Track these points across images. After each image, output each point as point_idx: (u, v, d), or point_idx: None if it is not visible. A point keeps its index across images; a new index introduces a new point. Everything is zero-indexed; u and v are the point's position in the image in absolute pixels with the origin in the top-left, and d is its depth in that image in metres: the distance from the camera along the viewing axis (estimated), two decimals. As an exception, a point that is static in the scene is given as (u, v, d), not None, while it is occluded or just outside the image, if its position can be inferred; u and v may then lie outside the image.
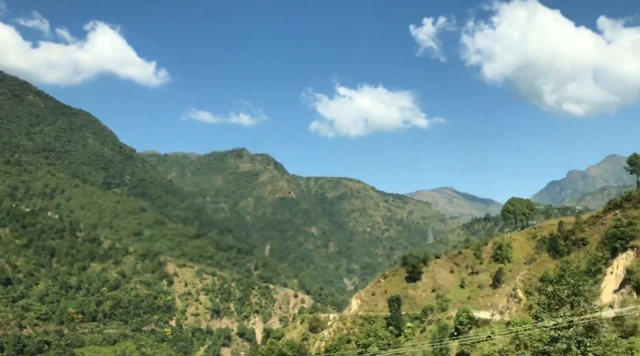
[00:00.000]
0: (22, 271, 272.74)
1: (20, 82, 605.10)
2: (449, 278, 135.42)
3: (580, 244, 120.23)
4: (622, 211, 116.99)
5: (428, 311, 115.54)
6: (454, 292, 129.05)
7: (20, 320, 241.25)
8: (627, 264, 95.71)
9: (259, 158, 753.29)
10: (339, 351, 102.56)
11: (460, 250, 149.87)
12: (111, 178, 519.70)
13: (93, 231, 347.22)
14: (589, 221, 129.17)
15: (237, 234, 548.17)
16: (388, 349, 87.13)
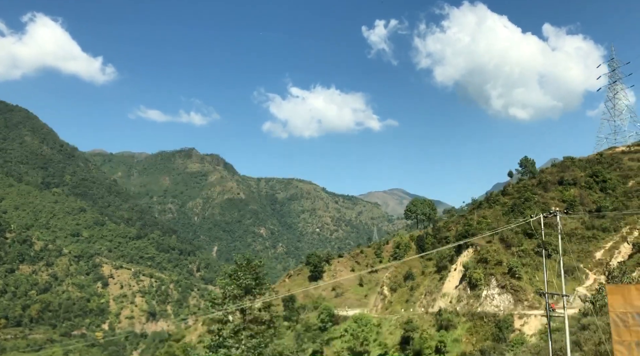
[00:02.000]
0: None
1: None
2: (349, 276, 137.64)
3: (443, 242, 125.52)
4: (479, 211, 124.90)
5: (300, 309, 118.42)
6: (353, 290, 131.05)
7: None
8: (465, 260, 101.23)
9: (208, 158, 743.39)
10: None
11: (362, 249, 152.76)
12: (50, 177, 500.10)
13: (25, 232, 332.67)
14: (456, 220, 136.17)
15: (183, 236, 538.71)
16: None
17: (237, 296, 36.35)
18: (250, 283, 36.73)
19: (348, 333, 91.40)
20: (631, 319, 18.67)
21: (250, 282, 36.78)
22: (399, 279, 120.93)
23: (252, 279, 36.88)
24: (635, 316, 18.64)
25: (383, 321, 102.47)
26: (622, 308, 18.90)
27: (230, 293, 36.58)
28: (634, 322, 18.64)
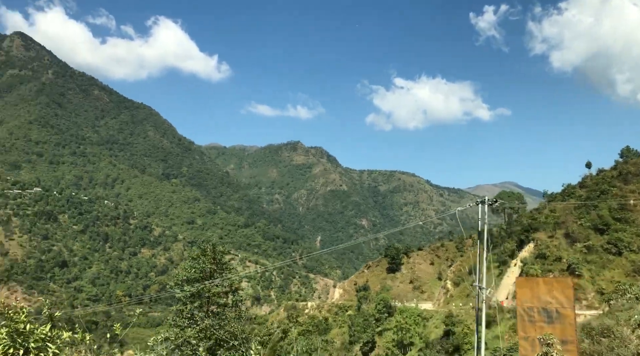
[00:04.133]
0: (77, 255, 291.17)
1: (87, 78, 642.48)
2: (428, 269, 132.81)
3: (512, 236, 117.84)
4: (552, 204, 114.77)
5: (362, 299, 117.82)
6: (431, 284, 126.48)
7: (72, 300, 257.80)
8: (524, 256, 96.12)
9: (312, 151, 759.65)
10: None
11: (443, 242, 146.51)
12: (170, 169, 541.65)
13: (146, 218, 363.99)
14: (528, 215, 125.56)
15: (288, 225, 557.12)
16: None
17: (198, 279, 37.31)
18: (211, 267, 37.71)
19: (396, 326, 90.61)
20: (537, 314, 17.34)
21: (211, 266, 37.74)
22: (463, 273, 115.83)
23: (213, 264, 37.80)
24: (541, 311, 17.29)
25: (434, 314, 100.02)
26: (529, 302, 17.55)
27: (192, 276, 37.63)
28: (540, 317, 17.25)
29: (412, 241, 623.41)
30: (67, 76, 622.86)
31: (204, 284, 35.78)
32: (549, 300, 17.18)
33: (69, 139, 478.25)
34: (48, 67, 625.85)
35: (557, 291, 17.26)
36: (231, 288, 37.99)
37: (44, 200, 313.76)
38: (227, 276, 37.60)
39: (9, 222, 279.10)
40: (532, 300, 17.38)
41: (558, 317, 17.07)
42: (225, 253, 39.48)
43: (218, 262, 37.84)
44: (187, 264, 38.85)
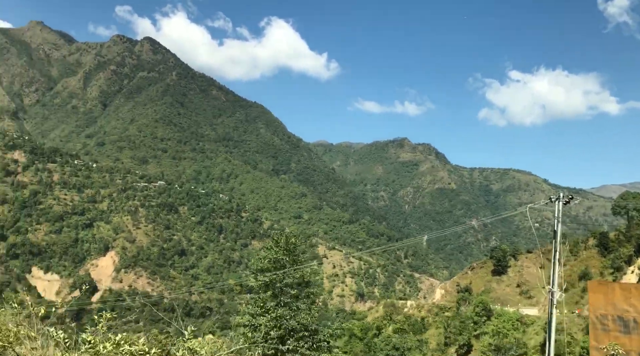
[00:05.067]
0: (194, 245, 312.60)
1: (207, 79, 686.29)
2: (538, 273, 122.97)
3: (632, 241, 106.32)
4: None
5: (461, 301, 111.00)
6: (540, 288, 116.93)
7: (190, 286, 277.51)
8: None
9: (420, 148, 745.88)
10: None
11: None
12: (279, 165, 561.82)
13: (256, 212, 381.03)
14: None
15: (393, 223, 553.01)
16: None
17: (270, 269, 37.52)
18: (282, 257, 37.50)
19: (493, 330, 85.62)
20: (611, 322, 15.32)
21: (282, 257, 37.52)
22: (573, 279, 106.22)
23: (285, 254, 37.81)
24: (616, 319, 15.24)
25: (536, 320, 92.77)
26: (603, 309, 15.69)
27: (265, 266, 38.00)
28: (614, 326, 15.20)
29: (527, 244, 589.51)
30: (188, 77, 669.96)
31: (275, 274, 36.86)
32: (626, 308, 15.20)
33: (189, 137, 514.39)
34: (172, 69, 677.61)
35: (636, 298, 15.24)
36: (303, 280, 38.61)
37: (166, 193, 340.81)
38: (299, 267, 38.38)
39: (137, 212, 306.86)
40: (606, 307, 15.50)
41: (636, 327, 15.06)
42: (298, 244, 40.20)
43: (291, 253, 38.63)
44: (261, 254, 40.29)
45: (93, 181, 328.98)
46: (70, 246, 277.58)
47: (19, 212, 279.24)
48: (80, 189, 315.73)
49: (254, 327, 35.37)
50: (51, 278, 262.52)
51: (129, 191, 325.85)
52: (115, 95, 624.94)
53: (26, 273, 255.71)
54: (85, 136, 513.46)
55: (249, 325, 35.67)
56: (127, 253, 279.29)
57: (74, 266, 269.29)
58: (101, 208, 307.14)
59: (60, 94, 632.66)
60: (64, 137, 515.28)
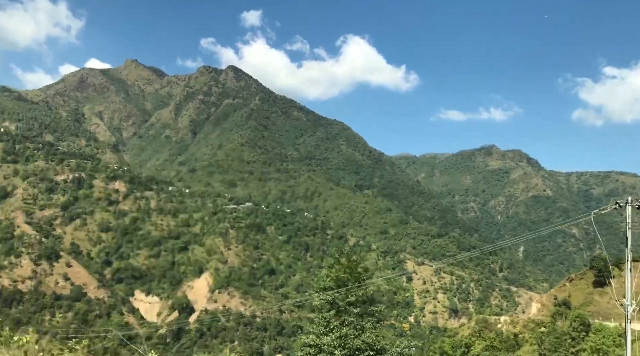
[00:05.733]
0: (283, 263, 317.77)
1: (287, 101, 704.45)
2: None
3: None
4: None
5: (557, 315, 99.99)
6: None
7: (281, 305, 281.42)
8: None
9: (509, 155, 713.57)
10: None
11: None
12: (362, 180, 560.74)
13: (341, 229, 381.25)
14: None
15: (485, 235, 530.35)
16: None
17: (333, 288, 36.18)
18: (344, 276, 35.82)
19: (592, 347, 76.62)
20: None
21: (343, 276, 35.89)
22: None
23: (347, 272, 35.91)
24: None
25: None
26: None
27: (327, 284, 36.50)
28: None
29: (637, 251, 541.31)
30: (270, 101, 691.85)
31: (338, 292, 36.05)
32: None
33: (273, 158, 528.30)
34: (255, 94, 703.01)
35: None
36: (367, 298, 37.40)
37: (254, 214, 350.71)
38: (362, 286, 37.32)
39: (227, 234, 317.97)
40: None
41: None
42: (360, 262, 39.30)
43: (353, 271, 37.73)
44: (323, 272, 39.57)
45: (186, 205, 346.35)
46: (168, 269, 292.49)
47: (121, 238, 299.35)
48: (175, 214, 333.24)
49: (318, 347, 34.92)
50: (152, 300, 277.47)
51: (219, 213, 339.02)
52: (204, 123, 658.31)
53: (129, 296, 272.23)
54: (178, 163, 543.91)
55: (313, 345, 35.31)
56: (220, 274, 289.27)
57: (172, 288, 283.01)
58: (194, 231, 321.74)
59: (155, 126, 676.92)
60: (159, 166, 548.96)
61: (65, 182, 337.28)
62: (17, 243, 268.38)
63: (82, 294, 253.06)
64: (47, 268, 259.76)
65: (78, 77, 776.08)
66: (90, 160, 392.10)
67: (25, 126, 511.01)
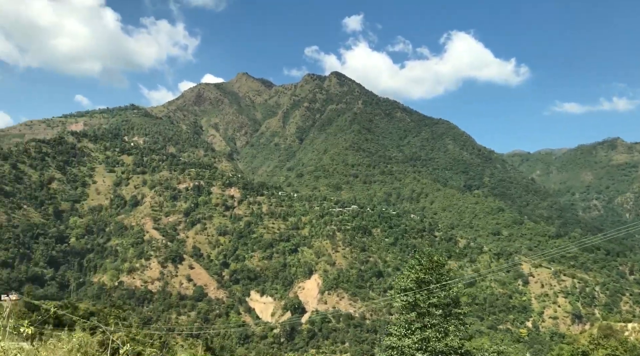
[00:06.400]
0: (390, 266, 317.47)
1: (390, 102, 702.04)
2: None
3: None
4: None
5: None
6: None
7: (389, 308, 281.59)
8: None
9: (637, 147, 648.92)
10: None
11: None
12: (471, 180, 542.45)
13: (450, 230, 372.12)
14: None
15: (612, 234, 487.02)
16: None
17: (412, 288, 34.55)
18: (424, 277, 34.21)
19: None
20: None
21: (424, 276, 34.24)
22: None
23: (428, 273, 34.25)
24: None
25: None
26: None
27: (407, 285, 35.02)
28: None
29: None
30: (373, 104, 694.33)
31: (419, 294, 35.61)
32: None
33: (378, 160, 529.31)
34: (358, 98, 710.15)
35: None
36: (451, 299, 36.72)
37: (359, 216, 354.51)
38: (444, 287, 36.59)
39: (334, 236, 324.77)
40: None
41: None
42: (442, 263, 38.36)
43: (434, 272, 37.09)
44: (404, 273, 39.15)
45: (295, 209, 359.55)
46: (280, 270, 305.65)
47: (237, 241, 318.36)
48: (285, 217, 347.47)
49: (399, 350, 34.94)
50: (266, 300, 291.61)
51: (326, 216, 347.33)
52: (310, 129, 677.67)
53: (246, 296, 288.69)
54: (287, 169, 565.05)
55: (395, 347, 35.34)
56: (329, 275, 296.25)
57: (284, 289, 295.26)
58: (303, 234, 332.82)
59: (264, 134, 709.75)
60: (269, 172, 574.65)
61: (186, 190, 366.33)
62: (146, 247, 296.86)
63: (203, 294, 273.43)
64: (172, 269, 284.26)
65: (195, 92, 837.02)
66: (208, 169, 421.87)
67: (151, 140, 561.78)
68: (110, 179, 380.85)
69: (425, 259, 38.51)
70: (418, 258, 39.43)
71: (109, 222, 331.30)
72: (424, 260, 38.56)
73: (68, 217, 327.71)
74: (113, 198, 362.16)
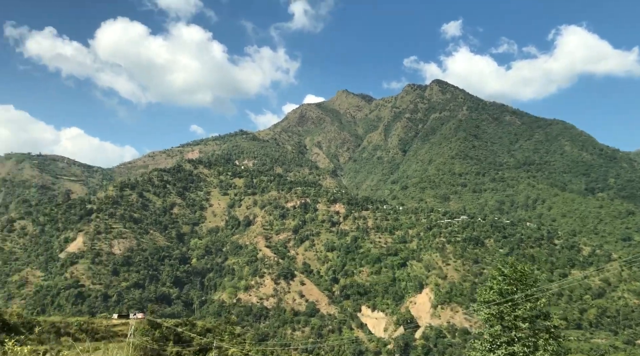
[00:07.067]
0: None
1: (498, 106, 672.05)
2: None
3: None
4: None
5: None
6: None
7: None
8: None
9: None
10: None
11: None
12: (593, 182, 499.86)
13: (571, 237, 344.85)
14: None
15: None
16: None
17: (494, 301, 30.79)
18: (508, 288, 30.54)
19: None
20: None
21: (508, 287, 30.56)
22: None
23: (512, 284, 30.56)
24: None
25: None
26: None
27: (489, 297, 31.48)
28: None
29: None
30: (479, 109, 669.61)
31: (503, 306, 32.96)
32: None
33: (487, 167, 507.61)
34: (462, 104, 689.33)
35: None
36: (541, 312, 33.46)
37: (470, 227, 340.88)
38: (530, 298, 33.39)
39: (444, 248, 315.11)
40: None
41: None
42: (527, 273, 35.05)
43: (519, 282, 34.14)
44: (487, 285, 36.57)
45: (401, 222, 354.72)
46: (390, 285, 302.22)
47: (345, 257, 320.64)
48: (391, 231, 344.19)
49: None
50: (378, 315, 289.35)
51: (434, 229, 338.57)
52: (413, 140, 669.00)
53: (357, 311, 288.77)
54: (391, 182, 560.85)
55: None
56: (441, 289, 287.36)
57: (395, 303, 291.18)
58: (411, 247, 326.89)
59: (366, 149, 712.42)
60: (373, 186, 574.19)
61: (294, 208, 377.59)
62: (260, 264, 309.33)
63: (315, 310, 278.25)
64: (285, 286, 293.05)
65: (298, 113, 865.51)
66: (313, 186, 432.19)
67: (259, 162, 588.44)
68: (225, 202, 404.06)
69: (509, 270, 36.17)
70: (501, 268, 37.18)
71: (225, 242, 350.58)
72: (507, 270, 36.26)
73: (189, 239, 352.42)
74: (228, 219, 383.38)
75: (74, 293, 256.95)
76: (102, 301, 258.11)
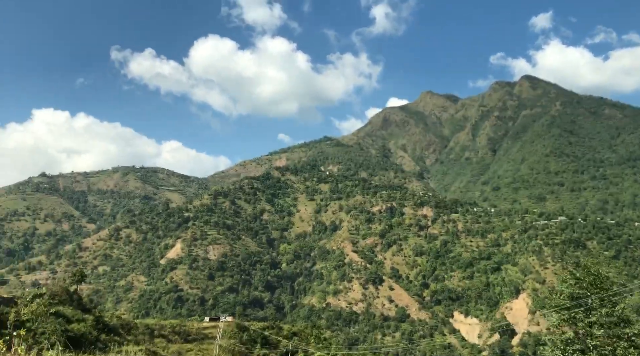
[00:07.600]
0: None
1: (595, 99, 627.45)
2: None
3: None
4: None
5: None
6: None
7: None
8: None
9: None
10: None
11: None
12: None
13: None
14: None
15: None
16: None
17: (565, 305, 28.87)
18: (579, 292, 28.90)
19: None
20: None
21: (579, 291, 28.89)
22: None
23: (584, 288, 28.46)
24: None
25: None
26: None
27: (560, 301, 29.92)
28: None
29: None
30: (574, 103, 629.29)
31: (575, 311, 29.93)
32: None
33: (586, 165, 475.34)
34: (555, 99, 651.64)
35: None
36: (619, 318, 29.94)
37: (569, 228, 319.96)
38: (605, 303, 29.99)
39: (541, 251, 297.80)
40: None
41: None
42: (603, 276, 31.51)
43: (592, 286, 30.84)
44: (558, 288, 33.47)
45: (494, 225, 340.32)
46: (483, 290, 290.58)
47: (435, 261, 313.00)
48: (483, 234, 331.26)
49: None
50: (471, 321, 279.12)
51: (529, 231, 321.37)
52: (502, 139, 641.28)
53: (449, 317, 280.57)
54: (481, 183, 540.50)
55: None
56: (539, 294, 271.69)
57: (489, 309, 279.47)
58: (506, 251, 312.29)
59: (454, 150, 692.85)
60: (462, 188, 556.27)
61: (379, 212, 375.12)
62: (347, 269, 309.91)
63: (405, 315, 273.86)
64: (373, 291, 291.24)
65: (381, 117, 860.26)
66: (399, 190, 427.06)
67: (344, 167, 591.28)
68: (311, 207, 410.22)
69: (581, 273, 33.21)
70: (572, 270, 34.40)
71: (313, 247, 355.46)
72: (579, 273, 33.34)
73: (278, 244, 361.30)
74: (315, 224, 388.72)
75: (174, 297, 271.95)
76: (200, 304, 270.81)
